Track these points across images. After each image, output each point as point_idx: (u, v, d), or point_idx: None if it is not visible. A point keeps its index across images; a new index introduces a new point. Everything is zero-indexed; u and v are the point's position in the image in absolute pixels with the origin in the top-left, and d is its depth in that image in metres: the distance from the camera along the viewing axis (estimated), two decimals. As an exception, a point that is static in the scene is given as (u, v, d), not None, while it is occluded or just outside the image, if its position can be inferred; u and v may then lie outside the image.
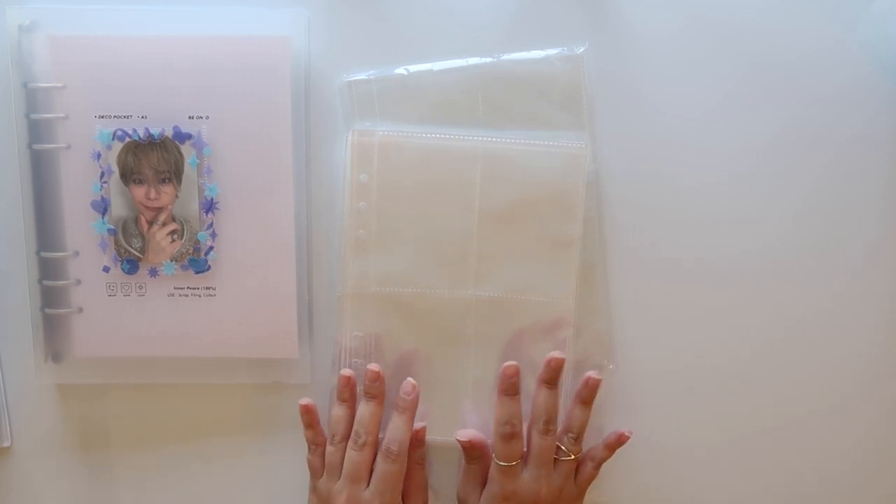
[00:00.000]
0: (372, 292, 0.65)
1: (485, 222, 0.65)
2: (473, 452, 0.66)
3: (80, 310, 0.67)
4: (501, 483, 0.64)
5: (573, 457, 0.65)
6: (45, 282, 0.66)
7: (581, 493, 0.67)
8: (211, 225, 0.66)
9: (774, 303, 0.68)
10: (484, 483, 0.66)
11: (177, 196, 0.65)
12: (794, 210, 0.68)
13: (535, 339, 0.66)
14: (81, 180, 0.65)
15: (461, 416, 0.67)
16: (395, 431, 0.64)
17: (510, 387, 0.64)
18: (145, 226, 0.66)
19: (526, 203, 0.65)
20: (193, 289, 0.66)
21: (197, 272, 0.66)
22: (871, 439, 0.69)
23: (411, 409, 0.64)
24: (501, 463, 0.64)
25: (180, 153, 0.65)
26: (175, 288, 0.66)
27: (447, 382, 0.67)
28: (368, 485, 0.63)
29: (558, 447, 0.65)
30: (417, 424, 0.65)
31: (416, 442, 0.65)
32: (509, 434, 0.64)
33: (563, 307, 0.66)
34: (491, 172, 0.65)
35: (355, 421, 0.65)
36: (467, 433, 0.65)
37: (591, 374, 0.65)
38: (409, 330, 0.66)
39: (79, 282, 0.66)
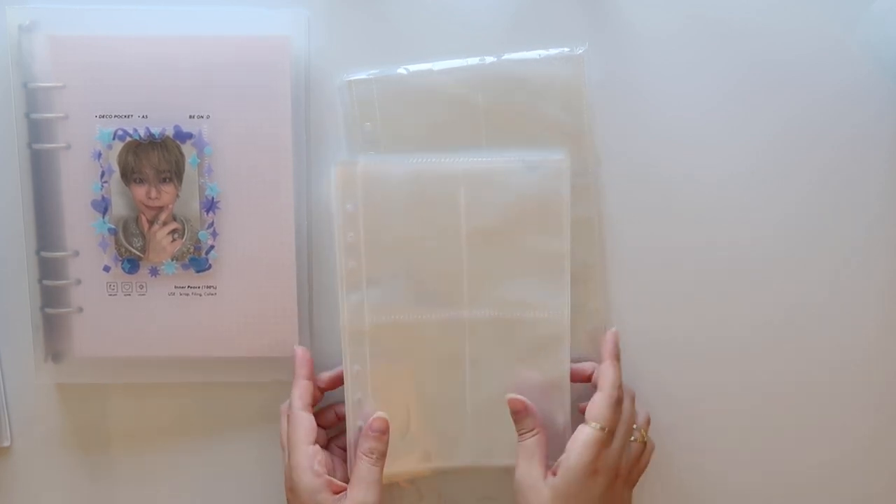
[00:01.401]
0: (367, 324, 0.64)
1: (474, 243, 0.64)
2: (525, 420, 0.62)
3: (81, 309, 0.67)
4: (595, 452, 0.60)
5: (640, 440, 0.64)
6: (45, 281, 0.66)
7: (634, 482, 0.65)
8: (212, 224, 0.66)
9: (775, 303, 0.68)
10: (544, 458, 0.62)
11: (177, 195, 0.65)
12: (794, 210, 0.68)
13: (533, 359, 0.65)
14: (81, 180, 0.65)
15: (464, 440, 0.66)
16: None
17: (618, 351, 0.63)
18: (146, 225, 0.66)
19: (511, 221, 0.64)
20: (194, 288, 0.66)
21: (198, 271, 0.66)
22: (872, 439, 0.69)
23: (300, 371, 0.64)
24: (602, 429, 0.60)
25: (181, 152, 0.65)
26: (176, 287, 0.66)
27: (448, 407, 0.66)
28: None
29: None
30: (377, 415, 0.63)
31: (372, 433, 0.63)
32: (619, 398, 0.61)
33: (558, 322, 0.65)
34: (474, 193, 0.64)
35: None
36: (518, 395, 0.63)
37: (611, 330, 0.65)
38: (407, 359, 0.65)
39: (79, 281, 0.66)
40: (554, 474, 0.61)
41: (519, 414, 0.63)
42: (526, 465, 0.61)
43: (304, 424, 0.62)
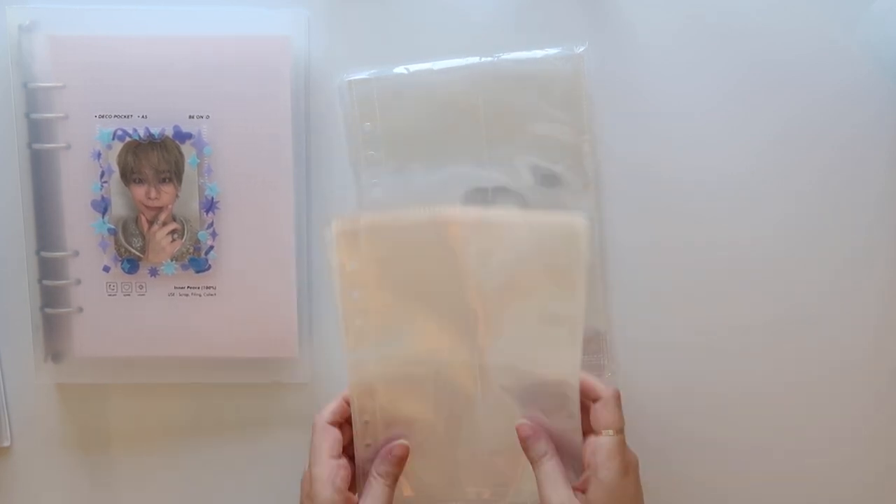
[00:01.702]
0: (376, 379, 0.61)
1: (485, 299, 0.60)
2: (538, 444, 0.61)
3: (80, 309, 0.67)
4: (620, 457, 0.59)
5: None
6: (45, 282, 0.66)
7: None
8: (211, 224, 0.66)
9: (775, 303, 0.68)
10: (567, 479, 0.60)
11: (177, 196, 0.65)
12: (794, 210, 0.68)
13: (543, 408, 0.62)
14: (81, 180, 0.65)
15: (475, 482, 0.64)
16: None
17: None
18: (145, 225, 0.66)
19: (522, 279, 0.60)
20: (194, 288, 0.66)
21: (197, 272, 0.66)
22: (872, 438, 0.69)
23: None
24: (618, 431, 0.59)
25: (180, 153, 0.65)
26: (175, 287, 0.66)
27: (461, 452, 0.63)
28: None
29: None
30: (400, 441, 0.62)
31: (391, 458, 0.61)
32: (619, 396, 0.60)
33: (568, 383, 0.61)
34: (486, 248, 0.60)
35: None
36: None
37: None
38: (418, 409, 0.62)
39: (79, 281, 0.66)
40: (583, 491, 0.59)
41: (529, 439, 0.61)
42: (552, 490, 0.59)
43: (330, 438, 0.60)
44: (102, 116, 0.65)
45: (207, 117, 0.65)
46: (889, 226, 0.68)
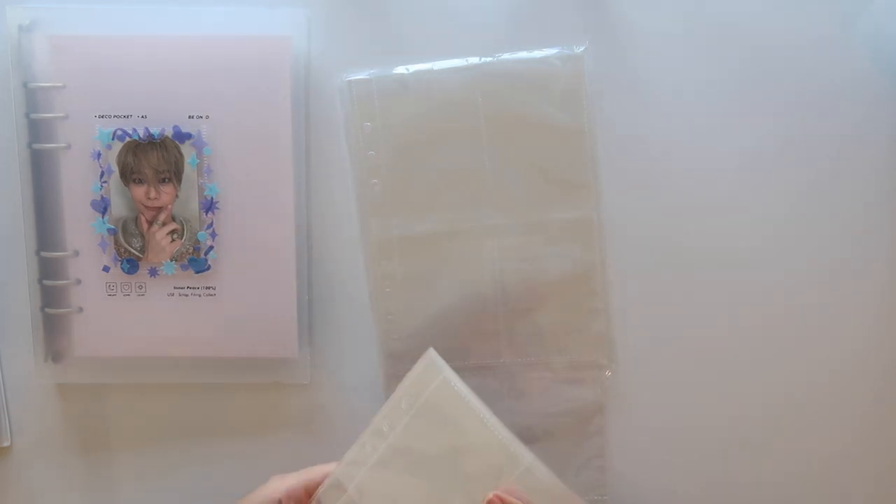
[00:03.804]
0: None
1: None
2: None
3: (80, 309, 0.67)
4: None
5: None
6: (45, 281, 0.66)
7: None
8: (211, 224, 0.66)
9: (775, 302, 0.68)
10: None
11: (177, 196, 0.65)
12: (794, 209, 0.68)
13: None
14: (81, 180, 0.65)
15: None
16: None
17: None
18: (145, 225, 0.66)
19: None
20: (193, 288, 0.66)
21: (197, 272, 0.66)
22: (868, 437, 0.69)
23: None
24: None
25: (180, 153, 0.65)
26: (175, 287, 0.66)
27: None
28: None
29: None
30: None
31: None
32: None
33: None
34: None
35: None
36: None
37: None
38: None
39: (79, 281, 0.66)
40: None
41: None
42: None
43: None
44: (102, 116, 0.65)
45: (207, 117, 0.65)
46: (888, 222, 0.68)
